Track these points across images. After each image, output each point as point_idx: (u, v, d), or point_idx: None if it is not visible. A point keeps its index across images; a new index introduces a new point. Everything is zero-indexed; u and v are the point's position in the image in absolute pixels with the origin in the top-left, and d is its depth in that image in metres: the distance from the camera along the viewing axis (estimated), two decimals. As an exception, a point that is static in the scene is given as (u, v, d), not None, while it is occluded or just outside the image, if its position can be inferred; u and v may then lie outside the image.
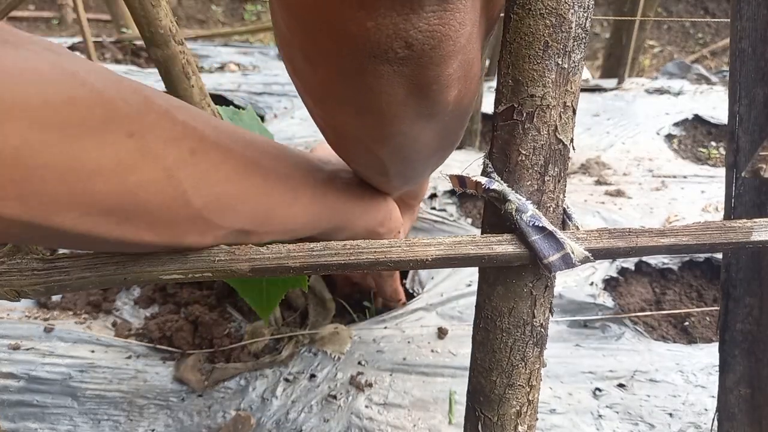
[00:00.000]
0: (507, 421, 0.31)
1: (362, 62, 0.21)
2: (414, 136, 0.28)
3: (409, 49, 0.21)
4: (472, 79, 0.26)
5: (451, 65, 0.23)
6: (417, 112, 0.25)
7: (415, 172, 0.37)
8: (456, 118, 0.29)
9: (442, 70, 0.22)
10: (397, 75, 0.22)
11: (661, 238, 0.27)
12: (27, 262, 0.26)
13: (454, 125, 0.30)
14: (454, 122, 0.30)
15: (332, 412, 0.63)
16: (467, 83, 0.26)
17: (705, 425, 0.63)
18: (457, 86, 0.25)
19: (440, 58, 0.22)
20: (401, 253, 0.27)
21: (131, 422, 0.62)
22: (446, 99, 0.25)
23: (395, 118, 0.25)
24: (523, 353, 0.30)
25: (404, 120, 0.26)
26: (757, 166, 0.36)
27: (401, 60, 0.21)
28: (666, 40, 2.91)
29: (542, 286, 0.29)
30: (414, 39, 0.20)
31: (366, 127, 0.27)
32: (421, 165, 0.35)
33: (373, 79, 0.22)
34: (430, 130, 0.28)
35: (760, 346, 0.43)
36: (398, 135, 0.28)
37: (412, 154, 0.31)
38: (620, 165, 1.10)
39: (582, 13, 0.24)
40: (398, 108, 0.24)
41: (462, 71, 0.24)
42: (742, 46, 0.41)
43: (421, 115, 0.26)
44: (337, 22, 0.20)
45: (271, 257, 0.27)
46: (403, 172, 0.35)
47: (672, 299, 0.80)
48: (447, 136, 0.32)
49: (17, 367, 0.66)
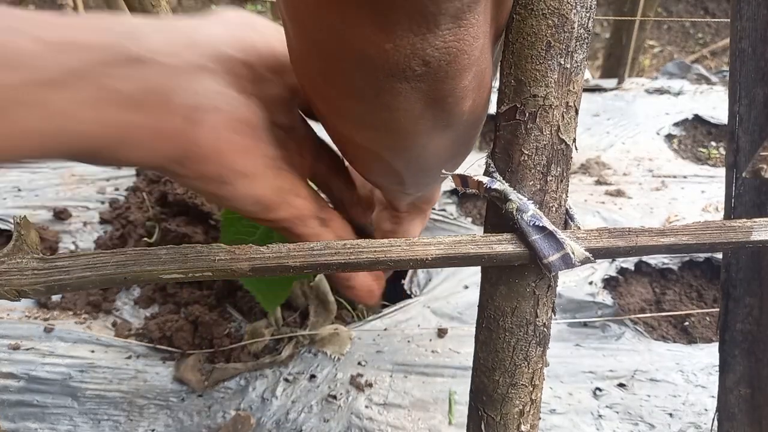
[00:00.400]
0: (510, 420, 0.31)
1: (380, 82, 0.22)
2: (430, 148, 0.28)
3: (427, 66, 0.21)
4: (485, 88, 0.27)
5: (466, 77, 0.23)
6: (433, 125, 0.26)
7: (429, 179, 0.37)
8: (470, 126, 0.30)
9: (457, 83, 0.23)
10: (414, 91, 0.22)
11: (661, 237, 0.27)
12: (27, 261, 0.26)
13: (468, 133, 0.31)
14: (468, 130, 0.30)
15: (332, 413, 0.63)
16: (480, 92, 0.26)
17: (705, 425, 0.63)
18: (472, 96, 0.25)
19: (456, 72, 0.22)
20: (401, 253, 0.27)
21: (131, 422, 0.62)
22: (461, 110, 0.25)
23: (412, 132, 0.26)
24: (526, 353, 0.30)
25: (421, 133, 0.26)
26: (757, 166, 0.36)
27: (418, 77, 0.22)
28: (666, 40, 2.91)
29: (545, 285, 0.29)
30: (431, 57, 0.21)
31: (383, 142, 0.28)
32: (436, 172, 0.35)
33: (390, 98, 0.23)
34: (445, 140, 0.28)
35: (760, 346, 0.44)
36: (415, 147, 0.28)
37: (428, 164, 0.31)
38: (620, 165, 1.10)
39: (584, 14, 0.24)
40: (415, 123, 0.25)
41: (476, 82, 0.24)
42: (742, 46, 0.41)
43: (437, 127, 0.26)
44: (356, 44, 0.21)
45: (271, 256, 0.27)
46: (418, 181, 0.35)
47: (672, 299, 0.80)
48: (461, 144, 0.32)
49: (17, 367, 0.66)
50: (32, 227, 0.27)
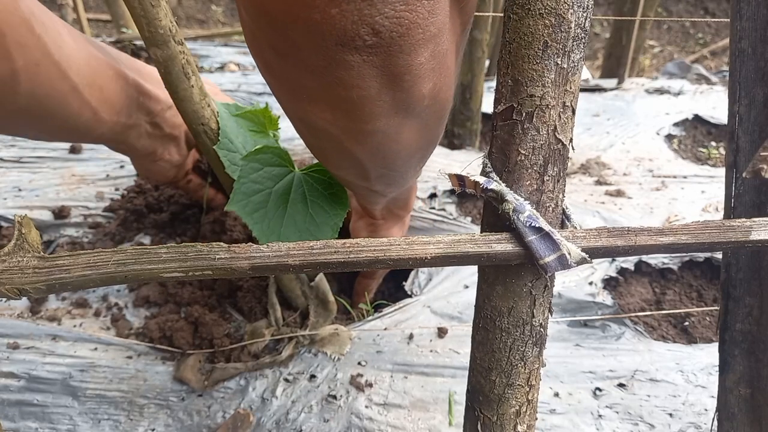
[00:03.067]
0: (506, 420, 0.31)
1: (330, 52, 0.21)
2: (392, 134, 0.28)
3: (377, 36, 0.20)
4: (447, 73, 0.26)
5: (421, 54, 0.22)
6: (392, 107, 0.25)
7: (396, 174, 0.36)
8: (434, 114, 0.29)
9: (412, 59, 0.22)
10: (368, 65, 0.22)
11: (660, 236, 0.27)
12: (28, 260, 0.26)
13: (432, 122, 0.30)
14: (432, 118, 0.29)
15: (332, 413, 0.63)
16: (442, 76, 0.25)
17: (705, 425, 0.63)
18: (432, 78, 0.24)
19: (410, 46, 0.21)
20: (401, 252, 0.27)
21: (131, 422, 0.62)
22: (420, 91, 0.24)
23: (371, 114, 0.25)
24: (522, 353, 0.30)
25: (380, 116, 0.25)
26: (757, 166, 0.36)
27: (370, 48, 0.21)
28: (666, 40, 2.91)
29: (541, 285, 0.29)
30: (381, 26, 0.20)
31: (341, 124, 0.27)
32: (402, 166, 0.34)
33: (343, 72, 0.22)
34: (408, 127, 0.28)
35: (760, 346, 0.44)
36: (376, 133, 0.27)
37: (392, 154, 0.30)
38: (620, 165, 1.10)
39: (581, 13, 0.24)
40: (373, 103, 0.24)
41: (435, 62, 0.24)
42: (742, 46, 0.41)
43: (397, 110, 0.25)
44: (301, 10, 0.20)
45: (271, 255, 0.27)
46: (384, 174, 0.34)
47: (672, 299, 0.80)
48: (426, 133, 0.31)
49: (17, 367, 0.66)
50: (33, 226, 0.27)
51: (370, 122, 0.26)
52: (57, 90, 0.38)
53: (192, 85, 0.50)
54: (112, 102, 0.45)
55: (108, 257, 0.26)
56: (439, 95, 0.26)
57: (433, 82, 0.24)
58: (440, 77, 0.25)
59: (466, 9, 0.26)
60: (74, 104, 0.40)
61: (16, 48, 0.33)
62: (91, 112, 0.43)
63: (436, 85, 0.25)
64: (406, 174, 0.37)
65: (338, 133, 0.28)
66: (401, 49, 0.21)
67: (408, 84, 0.23)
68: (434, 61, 0.23)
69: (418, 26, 0.21)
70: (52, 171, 1.01)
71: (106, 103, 0.44)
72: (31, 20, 0.34)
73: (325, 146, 0.31)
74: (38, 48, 0.35)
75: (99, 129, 0.45)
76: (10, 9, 0.32)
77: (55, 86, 0.37)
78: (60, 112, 0.39)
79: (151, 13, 0.45)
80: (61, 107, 0.39)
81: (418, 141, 0.30)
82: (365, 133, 0.27)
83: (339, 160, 0.32)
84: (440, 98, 0.27)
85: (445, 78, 0.26)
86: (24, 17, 0.34)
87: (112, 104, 0.46)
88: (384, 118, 0.25)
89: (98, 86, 0.43)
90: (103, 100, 0.44)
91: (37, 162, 1.02)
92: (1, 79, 0.33)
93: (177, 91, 0.49)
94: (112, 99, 0.45)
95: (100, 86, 0.43)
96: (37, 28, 0.35)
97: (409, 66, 0.22)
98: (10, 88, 0.34)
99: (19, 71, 0.34)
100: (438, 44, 0.23)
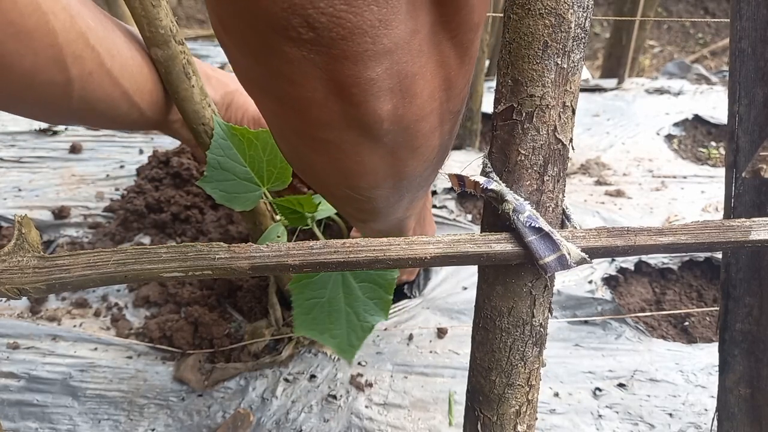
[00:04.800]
0: (506, 420, 0.31)
1: (265, 37, 0.20)
2: (348, 151, 0.26)
3: (314, 31, 0.19)
4: (414, 98, 0.23)
5: (371, 68, 0.20)
6: (343, 120, 0.23)
7: (364, 201, 0.32)
8: (403, 144, 0.26)
9: (360, 71, 0.20)
10: (309, 64, 0.20)
11: (660, 236, 0.27)
12: (28, 260, 0.26)
13: (402, 153, 0.27)
14: (401, 149, 0.26)
15: (332, 412, 0.63)
16: (405, 100, 0.23)
17: (705, 425, 0.63)
18: (389, 99, 0.22)
19: (356, 55, 0.20)
20: (400, 252, 0.27)
21: (131, 422, 0.62)
22: (374, 111, 0.22)
23: (320, 120, 0.23)
24: (522, 353, 0.30)
25: (331, 126, 0.24)
26: (757, 166, 0.36)
27: (309, 45, 0.19)
28: (666, 40, 2.91)
29: (541, 285, 0.29)
30: (316, 21, 0.19)
31: (293, 124, 0.25)
32: (368, 191, 0.30)
33: (284, 64, 0.21)
34: (368, 149, 0.25)
35: (760, 346, 0.44)
36: (329, 144, 0.25)
37: (352, 175, 0.28)
38: (620, 165, 1.10)
39: (581, 13, 0.24)
40: (320, 109, 0.23)
41: (393, 82, 0.22)
42: (742, 46, 0.41)
43: (350, 125, 0.23)
44: None
45: (270, 255, 0.27)
46: (350, 197, 0.32)
47: (672, 299, 0.80)
48: (395, 163, 0.28)
49: (17, 367, 0.66)
50: (33, 226, 0.27)
51: (321, 130, 0.24)
52: (108, 95, 0.42)
53: (193, 85, 0.50)
54: (161, 104, 0.49)
55: (108, 257, 0.26)
56: (403, 122, 0.24)
57: (392, 104, 0.22)
58: (403, 101, 0.23)
59: (461, 40, 0.23)
60: (124, 107, 0.44)
61: (72, 60, 0.37)
62: (139, 113, 0.47)
63: (396, 109, 0.23)
64: (377, 205, 0.33)
65: (291, 134, 0.27)
66: (345, 55, 0.20)
67: (357, 99, 0.22)
68: (391, 81, 0.21)
69: (365, 34, 0.19)
70: (52, 171, 1.01)
71: (155, 105, 0.48)
72: (87, 33, 0.38)
73: (282, 144, 0.30)
74: (92, 59, 0.39)
75: (145, 125, 0.50)
76: (67, 26, 0.36)
77: (106, 92, 0.41)
78: (110, 113, 0.44)
79: (151, 13, 0.45)
80: (111, 109, 0.43)
81: (384, 169, 0.28)
82: (318, 140, 0.25)
83: (301, 165, 0.31)
84: (404, 124, 0.24)
85: (410, 104, 0.23)
86: (80, 31, 0.37)
87: (160, 106, 0.49)
88: (336, 131, 0.24)
89: (148, 90, 0.47)
90: (151, 102, 0.48)
91: (37, 162, 1.02)
92: (58, 86, 0.37)
93: (178, 91, 0.49)
94: (160, 101, 0.49)
95: (150, 90, 0.47)
96: (92, 41, 0.38)
97: (357, 78, 0.21)
98: (65, 94, 0.38)
99: (74, 79, 0.38)
100: (397, 62, 0.21)
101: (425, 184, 0.35)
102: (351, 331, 0.52)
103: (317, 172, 0.30)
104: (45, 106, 0.39)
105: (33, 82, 0.35)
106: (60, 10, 0.35)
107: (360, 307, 0.52)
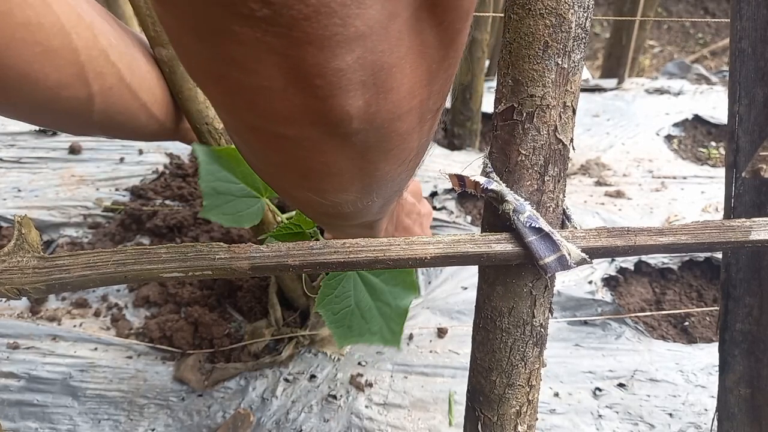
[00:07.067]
0: (507, 420, 0.31)
1: (211, 13, 0.17)
2: (310, 149, 0.23)
3: (269, 7, 0.16)
4: (389, 94, 0.20)
5: (340, 56, 0.17)
6: (305, 115, 0.20)
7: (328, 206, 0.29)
8: (375, 145, 0.23)
9: (326, 60, 0.17)
10: (265, 48, 0.17)
11: (660, 236, 0.27)
12: (28, 260, 0.26)
13: (374, 155, 0.24)
14: (372, 151, 0.23)
15: (332, 412, 0.63)
16: (380, 96, 0.20)
17: (705, 425, 0.63)
18: (361, 95, 0.19)
19: (322, 39, 0.17)
20: (401, 252, 0.27)
21: (131, 422, 0.62)
22: (342, 107, 0.20)
23: (277, 113, 0.20)
24: (522, 353, 0.30)
25: (292, 121, 0.21)
26: (757, 166, 0.36)
27: (265, 24, 0.17)
28: (666, 40, 2.91)
29: (542, 286, 0.29)
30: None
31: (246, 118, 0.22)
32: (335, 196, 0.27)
33: (235, 47, 0.18)
34: (333, 149, 0.23)
35: (760, 346, 0.44)
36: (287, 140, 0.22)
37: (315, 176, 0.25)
38: (620, 166, 1.10)
39: (582, 13, 0.24)
40: (278, 101, 0.19)
41: (366, 74, 0.19)
42: (742, 46, 0.41)
43: (313, 122, 0.21)
44: None
45: (270, 255, 0.27)
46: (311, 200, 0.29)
47: (672, 299, 0.80)
48: (365, 166, 0.25)
49: (17, 367, 0.66)
50: (33, 226, 0.27)
51: (278, 125, 0.21)
52: (128, 108, 0.44)
53: (196, 85, 0.50)
54: (176, 113, 0.51)
55: (108, 257, 0.26)
56: (378, 122, 0.21)
57: (364, 100, 0.20)
58: (377, 98, 0.20)
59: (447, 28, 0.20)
60: (143, 118, 0.46)
61: (94, 76, 0.39)
62: (158, 124, 0.49)
63: (369, 107, 0.20)
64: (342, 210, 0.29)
65: (243, 128, 0.23)
66: (308, 39, 0.17)
67: (323, 92, 0.19)
68: (364, 73, 0.18)
69: (334, 14, 0.16)
70: (51, 171, 1.01)
71: (171, 114, 0.50)
72: (108, 50, 0.39)
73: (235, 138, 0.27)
74: (113, 74, 0.40)
75: (163, 135, 0.52)
76: (90, 44, 0.37)
77: (126, 105, 0.43)
78: (130, 124, 0.46)
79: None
80: (130, 121, 0.45)
81: (352, 172, 0.25)
82: (275, 136, 0.22)
83: (256, 162, 0.28)
84: (383, 128, 0.21)
85: (387, 103, 0.20)
86: (102, 48, 0.39)
87: (176, 115, 0.52)
88: (297, 127, 0.21)
89: (166, 102, 0.49)
90: (168, 113, 0.50)
91: (37, 162, 1.02)
92: (80, 101, 0.39)
93: (182, 90, 0.50)
94: (177, 112, 0.51)
95: (167, 102, 0.49)
96: (112, 57, 0.40)
97: (322, 68, 0.18)
98: (86, 108, 0.40)
99: (95, 94, 0.39)
100: (371, 51, 0.18)
101: (399, 187, 0.32)
102: (388, 320, 0.53)
103: (274, 172, 0.27)
104: (68, 119, 0.41)
105: (57, 97, 0.37)
106: (84, 29, 0.37)
107: (387, 296, 0.53)
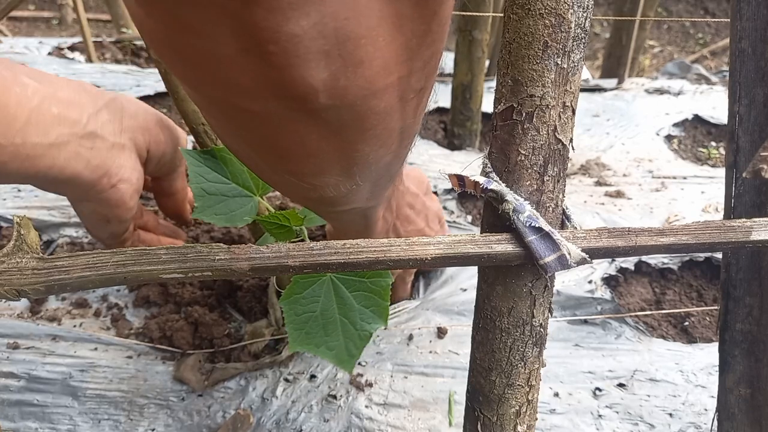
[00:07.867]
0: (506, 421, 0.31)
1: None
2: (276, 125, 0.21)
3: None
4: (359, 68, 0.19)
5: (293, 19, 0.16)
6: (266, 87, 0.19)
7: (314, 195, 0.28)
8: (350, 123, 0.22)
9: (278, 23, 0.16)
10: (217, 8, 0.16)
11: (661, 237, 0.27)
12: (27, 261, 0.26)
13: (350, 134, 0.22)
14: (347, 129, 0.22)
15: (332, 412, 0.63)
16: (348, 69, 0.19)
17: (705, 425, 0.63)
18: (325, 66, 0.18)
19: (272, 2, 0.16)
20: (401, 252, 0.27)
21: (131, 422, 0.62)
22: (303, 78, 0.18)
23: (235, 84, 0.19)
24: (522, 353, 0.30)
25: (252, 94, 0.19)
26: (757, 166, 0.36)
27: None
28: (666, 40, 2.91)
29: (541, 285, 0.29)
30: None
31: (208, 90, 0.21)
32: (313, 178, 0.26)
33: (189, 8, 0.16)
34: (302, 126, 0.21)
35: (760, 346, 0.44)
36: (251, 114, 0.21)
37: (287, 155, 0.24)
38: (620, 166, 1.10)
39: (581, 13, 0.24)
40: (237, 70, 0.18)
41: (329, 44, 0.17)
42: (742, 46, 0.41)
43: (276, 95, 0.19)
44: None
45: (270, 256, 0.27)
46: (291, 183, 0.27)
47: (672, 299, 0.80)
48: (341, 146, 0.23)
49: (17, 367, 0.66)
50: (32, 227, 0.27)
51: (242, 98, 0.20)
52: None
53: (159, 58, 0.50)
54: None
55: (107, 258, 0.26)
56: (350, 98, 0.20)
57: (329, 73, 0.18)
58: (345, 72, 0.19)
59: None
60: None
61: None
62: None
63: (336, 80, 0.19)
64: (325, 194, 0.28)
65: (210, 105, 0.22)
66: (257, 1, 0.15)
67: (279, 60, 0.17)
68: (326, 42, 0.17)
69: None
70: (51, 171, 1.00)
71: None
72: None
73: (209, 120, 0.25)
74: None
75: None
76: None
77: None
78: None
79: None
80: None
81: (329, 152, 0.23)
82: (242, 111, 0.21)
83: (232, 144, 0.26)
84: (356, 105, 0.20)
85: (357, 77, 0.19)
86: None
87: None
88: (261, 100, 0.19)
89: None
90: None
91: (37, 162, 1.02)
92: None
93: (177, 90, 0.49)
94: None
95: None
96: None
97: (274, 32, 0.16)
98: None
99: None
100: (332, 18, 0.16)
101: (388, 172, 0.30)
102: (348, 340, 0.51)
103: (250, 152, 0.25)
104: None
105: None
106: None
107: (356, 316, 0.51)
